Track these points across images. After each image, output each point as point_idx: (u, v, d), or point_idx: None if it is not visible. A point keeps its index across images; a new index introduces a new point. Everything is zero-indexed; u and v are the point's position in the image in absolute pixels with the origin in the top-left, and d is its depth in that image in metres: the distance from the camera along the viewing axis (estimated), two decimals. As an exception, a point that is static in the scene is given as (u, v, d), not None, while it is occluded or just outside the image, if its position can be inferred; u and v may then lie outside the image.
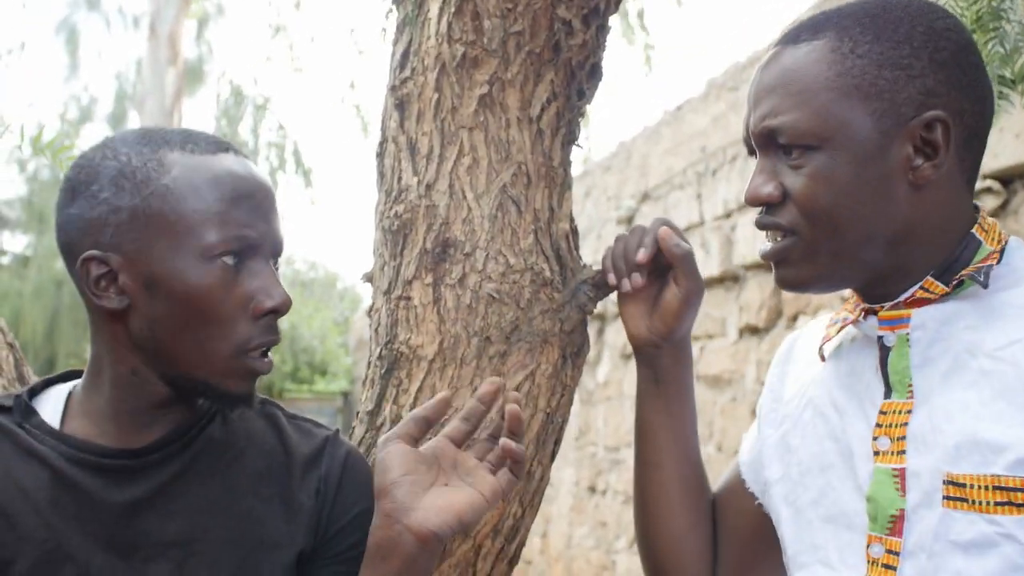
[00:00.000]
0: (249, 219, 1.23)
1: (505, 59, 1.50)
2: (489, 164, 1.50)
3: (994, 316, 1.20)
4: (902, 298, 1.25)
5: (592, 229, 6.96)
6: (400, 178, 1.53)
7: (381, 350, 1.53)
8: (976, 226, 1.25)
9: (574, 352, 1.55)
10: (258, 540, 1.27)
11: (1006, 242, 1.25)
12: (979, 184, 3.37)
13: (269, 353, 1.27)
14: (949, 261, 1.23)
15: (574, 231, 1.58)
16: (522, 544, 1.56)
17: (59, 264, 14.98)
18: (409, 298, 1.51)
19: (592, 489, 7.01)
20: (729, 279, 5.26)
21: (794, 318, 4.70)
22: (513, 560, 1.56)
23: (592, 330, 6.57)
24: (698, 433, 1.55)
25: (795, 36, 1.27)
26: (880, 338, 1.26)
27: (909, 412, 1.21)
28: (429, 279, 1.49)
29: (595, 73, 1.59)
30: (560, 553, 7.51)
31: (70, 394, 1.32)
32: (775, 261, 1.29)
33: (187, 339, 1.22)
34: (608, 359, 6.74)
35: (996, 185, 3.46)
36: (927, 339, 1.23)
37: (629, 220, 6.44)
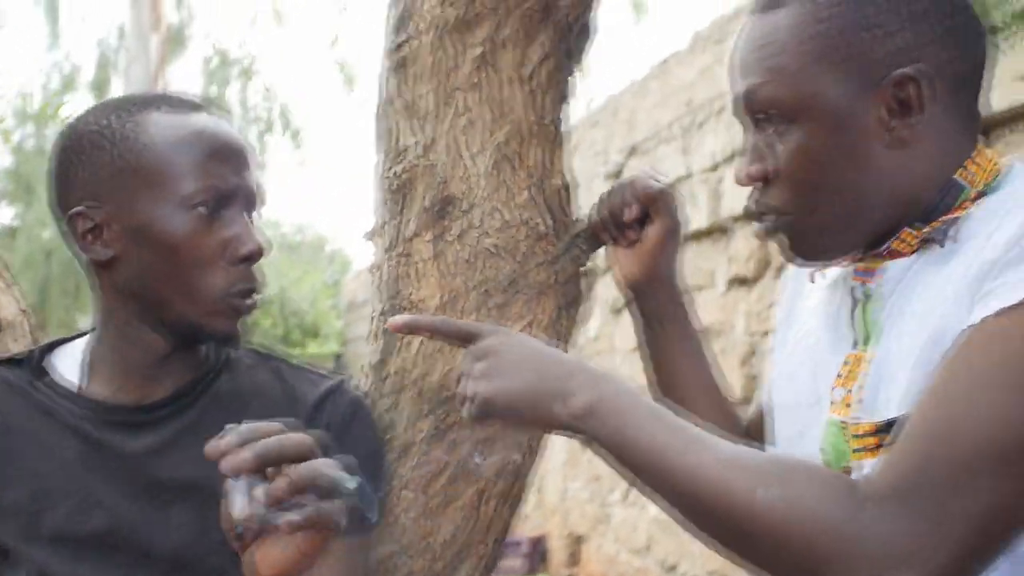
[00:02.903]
0: (222, 172, 1.32)
1: (499, 20, 1.54)
2: (484, 123, 1.55)
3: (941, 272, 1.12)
4: (881, 248, 1.19)
5: (580, 184, 6.97)
6: (399, 139, 1.58)
7: (384, 306, 1.59)
8: (961, 169, 1.16)
9: (569, 303, 1.60)
10: None
11: (999, 174, 1.17)
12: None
13: (253, 295, 1.36)
14: (928, 211, 1.15)
15: (567, 186, 1.64)
16: (523, 487, 1.62)
17: (47, 234, 14.93)
18: (410, 255, 1.56)
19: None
20: (717, 231, 5.32)
21: (782, 268, 4.76)
22: (515, 503, 1.62)
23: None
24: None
25: (764, 3, 1.21)
26: (853, 288, 1.23)
27: (869, 363, 1.17)
28: (429, 236, 1.55)
29: (585, 32, 1.63)
30: (555, 506, 7.62)
31: (91, 351, 1.39)
32: (777, 240, 1.25)
33: (173, 283, 1.31)
34: (599, 314, 6.81)
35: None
36: (890, 293, 1.18)
37: (617, 175, 6.48)
